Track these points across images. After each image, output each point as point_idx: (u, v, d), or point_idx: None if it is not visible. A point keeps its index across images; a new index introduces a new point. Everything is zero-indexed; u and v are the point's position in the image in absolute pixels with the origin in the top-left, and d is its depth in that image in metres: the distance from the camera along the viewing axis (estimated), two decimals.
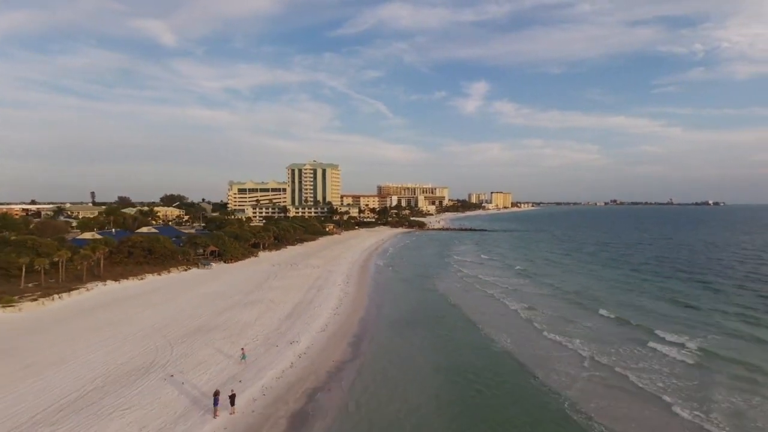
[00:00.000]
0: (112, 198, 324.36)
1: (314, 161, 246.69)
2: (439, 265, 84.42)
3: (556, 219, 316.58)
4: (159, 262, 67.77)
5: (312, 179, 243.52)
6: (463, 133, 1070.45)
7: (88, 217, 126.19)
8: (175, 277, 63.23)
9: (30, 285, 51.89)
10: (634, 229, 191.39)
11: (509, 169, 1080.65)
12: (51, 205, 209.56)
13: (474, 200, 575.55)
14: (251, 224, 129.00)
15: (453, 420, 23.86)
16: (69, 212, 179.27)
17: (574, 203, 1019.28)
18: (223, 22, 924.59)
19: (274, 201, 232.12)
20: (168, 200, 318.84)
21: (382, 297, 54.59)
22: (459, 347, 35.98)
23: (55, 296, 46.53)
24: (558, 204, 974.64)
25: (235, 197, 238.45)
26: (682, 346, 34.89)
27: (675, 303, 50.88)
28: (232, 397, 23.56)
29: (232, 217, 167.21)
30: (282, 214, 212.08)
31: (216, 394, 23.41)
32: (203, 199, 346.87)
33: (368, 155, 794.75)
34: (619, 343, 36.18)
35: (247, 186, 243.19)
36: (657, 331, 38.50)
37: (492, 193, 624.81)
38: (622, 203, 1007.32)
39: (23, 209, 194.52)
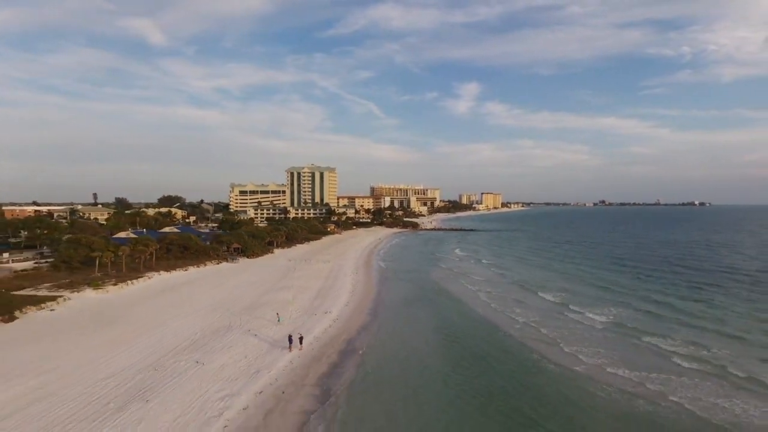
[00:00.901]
0: (108, 198, 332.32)
1: (312, 164, 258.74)
2: (429, 260, 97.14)
3: (541, 219, 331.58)
4: (194, 257, 79.42)
5: (310, 182, 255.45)
6: (454, 133, 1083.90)
7: (118, 217, 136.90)
8: (211, 269, 75.05)
9: (98, 274, 63.36)
10: (606, 230, 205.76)
11: (501, 169, 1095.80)
12: (62, 207, 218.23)
13: (465, 201, 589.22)
14: (254, 225, 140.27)
15: (443, 353, 36.28)
16: (81, 213, 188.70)
17: (564, 204, 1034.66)
18: (214, 22, 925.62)
19: (275, 203, 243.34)
20: (165, 201, 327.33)
21: (386, 283, 67.02)
22: (446, 315, 48.68)
23: (129, 282, 58.23)
24: (548, 204, 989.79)
25: (236, 199, 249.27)
26: (583, 314, 48.09)
27: (601, 288, 64.09)
28: (301, 338, 35.83)
29: (240, 218, 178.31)
30: (283, 215, 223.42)
31: (290, 337, 35.63)
32: (202, 200, 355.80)
33: (360, 155, 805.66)
34: (544, 313, 49.06)
35: (248, 188, 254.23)
36: (572, 306, 51.50)
37: (482, 193, 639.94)
38: (610, 204, 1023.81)
39: (35, 211, 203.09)
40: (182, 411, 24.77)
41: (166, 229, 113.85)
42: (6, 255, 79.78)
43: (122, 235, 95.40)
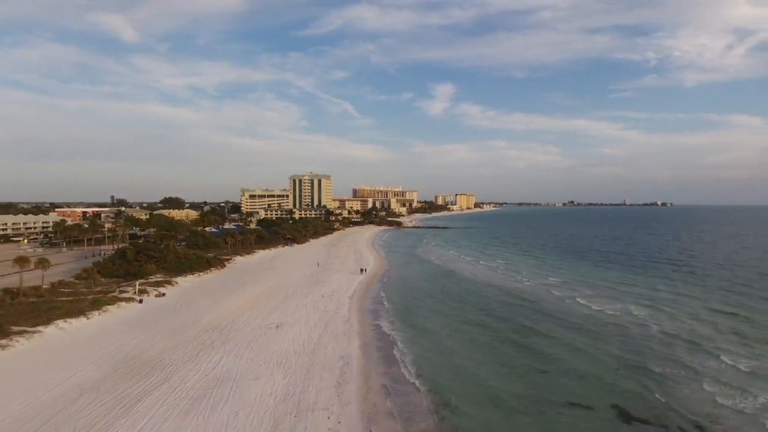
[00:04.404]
0: (87, 197, 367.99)
1: (311, 172, 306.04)
2: (414, 245, 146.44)
3: (505, 219, 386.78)
4: (267, 243, 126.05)
5: (310, 187, 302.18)
6: (430, 134, 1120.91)
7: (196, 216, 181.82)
8: (282, 249, 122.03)
9: (225, 251, 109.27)
10: (547, 227, 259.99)
11: (475, 170, 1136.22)
12: (107, 209, 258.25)
13: (440, 202, 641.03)
14: (289, 224, 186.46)
15: (423, 278, 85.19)
16: (126, 213, 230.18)
17: (535, 204, 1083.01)
18: (187, 19, 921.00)
19: (281, 205, 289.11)
20: (168, 202, 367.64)
21: (391, 256, 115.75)
22: (429, 268, 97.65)
23: (251, 254, 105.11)
24: (520, 204, 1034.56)
25: (247, 202, 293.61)
26: (494, 261, 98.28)
27: (516, 254, 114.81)
28: (366, 270, 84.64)
29: (256, 218, 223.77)
30: (289, 216, 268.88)
31: (361, 269, 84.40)
32: (205, 202, 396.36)
33: (336, 155, 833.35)
34: (469, 263, 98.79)
35: (257, 192, 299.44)
36: (481, 261, 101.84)
37: (456, 194, 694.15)
38: (579, 204, 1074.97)
39: (83, 212, 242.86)
40: (338, 286, 72.80)
41: (226, 226, 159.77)
42: None
43: (207, 229, 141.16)
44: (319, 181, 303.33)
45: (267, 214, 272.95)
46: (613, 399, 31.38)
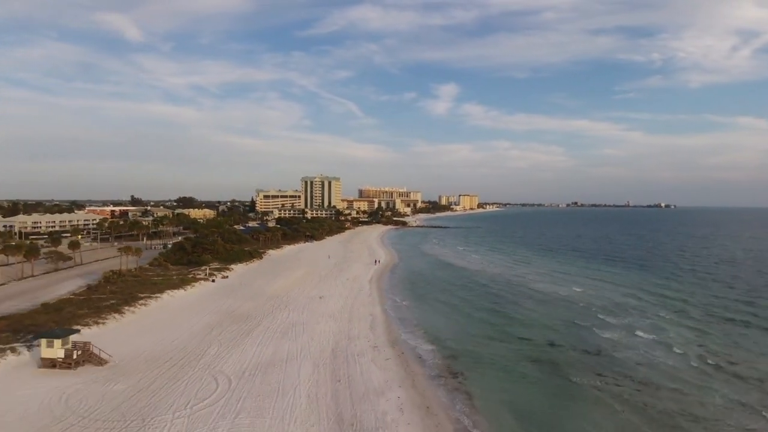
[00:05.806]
0: (91, 195, 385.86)
1: (321, 174, 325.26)
2: (419, 242, 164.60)
3: (504, 220, 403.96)
4: (291, 239, 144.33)
5: (320, 188, 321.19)
6: (432, 134, 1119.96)
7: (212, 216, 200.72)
8: (304, 245, 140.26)
9: (255, 245, 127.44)
10: (546, 227, 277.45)
11: (478, 169, 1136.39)
12: (134, 208, 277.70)
13: (443, 202, 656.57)
14: (304, 222, 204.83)
15: (426, 265, 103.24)
16: (153, 213, 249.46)
17: (539, 205, 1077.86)
18: (190, 18, 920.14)
19: (294, 205, 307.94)
20: (183, 201, 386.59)
21: (399, 250, 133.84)
22: (431, 260, 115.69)
23: (280, 248, 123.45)
24: (523, 205, 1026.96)
25: (261, 202, 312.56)
26: (481, 255, 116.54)
27: (498, 251, 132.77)
28: (379, 261, 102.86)
29: (271, 217, 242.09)
30: (301, 215, 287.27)
31: (375, 260, 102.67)
32: (218, 202, 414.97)
33: (339, 155, 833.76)
34: (460, 257, 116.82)
35: (270, 193, 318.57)
36: (469, 256, 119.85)
37: (460, 195, 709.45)
38: (582, 205, 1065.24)
39: (111, 211, 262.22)
40: (358, 273, 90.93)
41: (250, 224, 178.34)
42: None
43: (236, 227, 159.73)
44: (329, 183, 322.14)
45: (281, 214, 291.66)
46: (544, 337, 49.41)
